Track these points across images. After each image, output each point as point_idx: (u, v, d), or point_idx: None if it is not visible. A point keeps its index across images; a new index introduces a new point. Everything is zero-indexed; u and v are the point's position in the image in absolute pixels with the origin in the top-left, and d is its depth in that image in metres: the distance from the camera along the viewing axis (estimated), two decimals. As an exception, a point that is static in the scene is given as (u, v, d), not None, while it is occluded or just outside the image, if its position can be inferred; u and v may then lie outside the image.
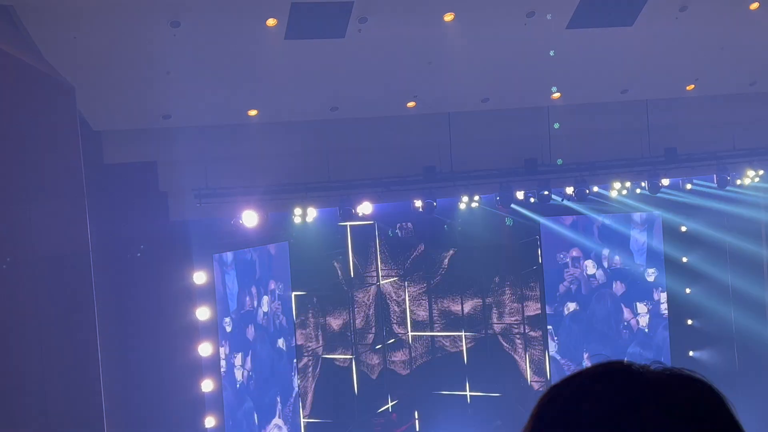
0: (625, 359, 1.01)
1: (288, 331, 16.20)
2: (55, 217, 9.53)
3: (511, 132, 13.83)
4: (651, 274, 17.64)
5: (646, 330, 17.71)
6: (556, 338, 18.01)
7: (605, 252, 17.72)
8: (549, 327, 17.97)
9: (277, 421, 15.70)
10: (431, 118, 13.33)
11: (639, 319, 17.74)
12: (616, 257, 17.67)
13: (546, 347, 17.99)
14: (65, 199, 9.80)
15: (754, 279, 17.21)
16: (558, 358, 17.96)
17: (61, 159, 9.87)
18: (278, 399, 15.79)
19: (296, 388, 16.25)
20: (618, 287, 17.78)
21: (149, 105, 11.21)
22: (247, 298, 14.99)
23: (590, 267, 17.81)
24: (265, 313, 15.43)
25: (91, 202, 10.32)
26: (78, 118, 10.24)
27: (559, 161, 13.89)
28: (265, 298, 15.48)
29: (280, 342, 15.88)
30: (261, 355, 15.35)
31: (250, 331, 15.02)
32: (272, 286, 15.71)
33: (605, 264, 17.76)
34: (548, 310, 17.96)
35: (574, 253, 17.85)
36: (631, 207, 16.95)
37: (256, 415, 15.12)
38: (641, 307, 17.73)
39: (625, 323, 17.83)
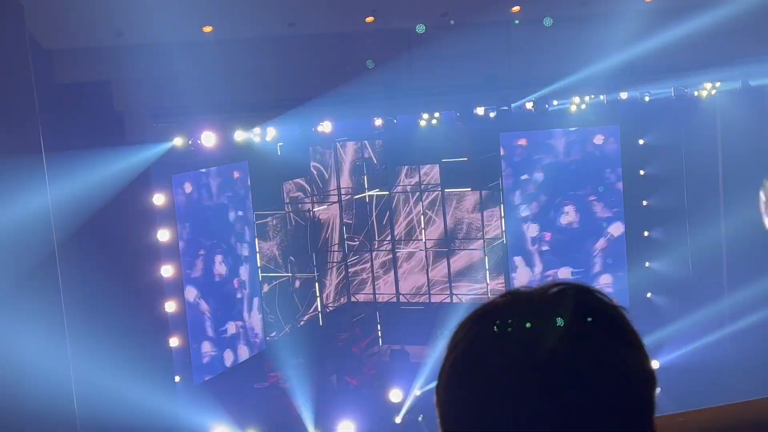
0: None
1: (250, 248, 16.20)
2: (8, 138, 9.32)
3: (471, 47, 13.70)
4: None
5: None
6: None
7: None
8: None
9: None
10: (390, 33, 13.15)
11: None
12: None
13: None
14: (18, 120, 9.57)
15: (708, 190, 17.50)
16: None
17: (11, 79, 9.60)
18: (239, 320, 15.89)
19: (255, 309, 16.35)
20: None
21: (101, 22, 10.89)
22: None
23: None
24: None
25: (45, 124, 10.10)
26: (28, 36, 9.92)
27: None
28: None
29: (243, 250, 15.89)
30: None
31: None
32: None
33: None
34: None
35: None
36: (590, 121, 17.03)
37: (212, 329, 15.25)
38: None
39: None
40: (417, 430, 14.47)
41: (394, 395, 15.24)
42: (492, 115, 14.70)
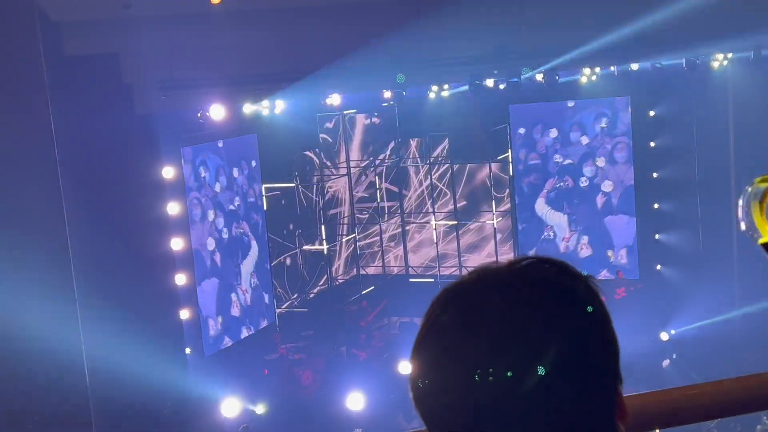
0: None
1: (260, 225, 16.22)
2: (17, 112, 9.31)
3: (480, 19, 13.58)
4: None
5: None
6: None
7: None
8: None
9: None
10: (399, 4, 13.04)
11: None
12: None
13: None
14: (27, 94, 9.55)
15: (720, 162, 17.38)
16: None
17: (19, 51, 9.57)
18: (253, 291, 15.94)
19: (264, 282, 16.39)
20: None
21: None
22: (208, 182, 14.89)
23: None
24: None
25: (54, 96, 10.08)
26: (36, 8, 9.88)
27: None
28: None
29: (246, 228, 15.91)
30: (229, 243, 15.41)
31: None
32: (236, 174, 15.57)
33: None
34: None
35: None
36: (600, 92, 16.91)
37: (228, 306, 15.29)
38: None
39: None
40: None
41: (403, 367, 15.30)
42: (502, 86, 14.60)
